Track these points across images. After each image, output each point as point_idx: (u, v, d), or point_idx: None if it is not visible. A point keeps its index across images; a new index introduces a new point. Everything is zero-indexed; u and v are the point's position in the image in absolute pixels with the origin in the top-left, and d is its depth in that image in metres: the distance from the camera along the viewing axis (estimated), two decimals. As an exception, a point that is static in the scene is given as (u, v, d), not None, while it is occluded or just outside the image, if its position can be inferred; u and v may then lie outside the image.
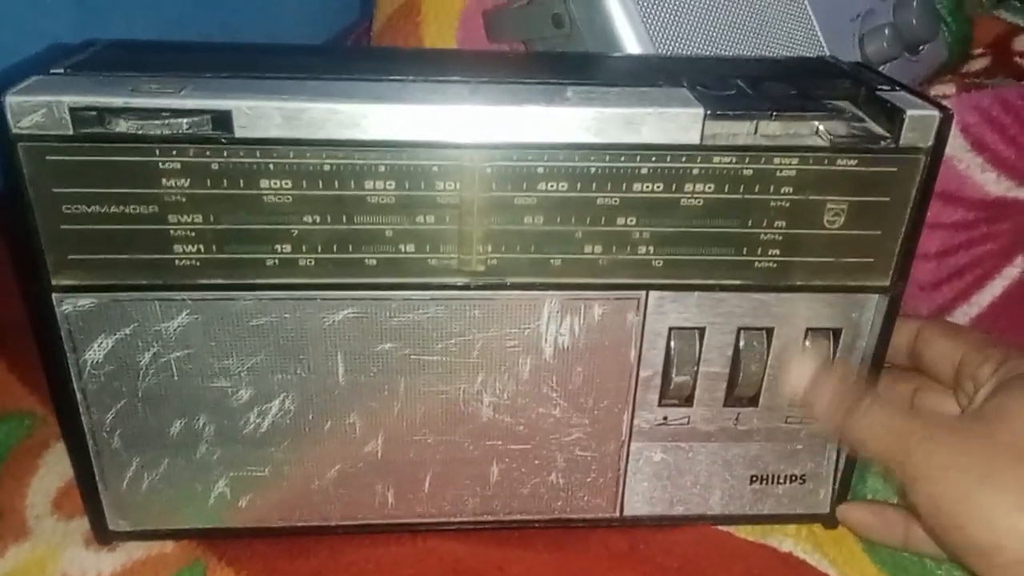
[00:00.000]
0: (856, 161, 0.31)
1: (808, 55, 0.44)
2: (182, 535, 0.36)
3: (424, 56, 0.43)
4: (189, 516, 0.36)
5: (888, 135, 0.31)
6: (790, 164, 0.31)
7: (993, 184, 0.37)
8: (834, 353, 0.35)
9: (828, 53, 0.45)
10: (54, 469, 0.40)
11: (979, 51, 0.54)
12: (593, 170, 0.31)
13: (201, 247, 0.31)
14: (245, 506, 0.36)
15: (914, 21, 0.49)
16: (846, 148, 0.31)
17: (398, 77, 0.32)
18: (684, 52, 0.40)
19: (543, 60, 0.37)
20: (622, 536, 0.38)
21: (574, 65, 0.37)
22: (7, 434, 0.41)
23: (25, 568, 0.35)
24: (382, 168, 0.30)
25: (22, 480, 0.39)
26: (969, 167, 0.38)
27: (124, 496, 0.35)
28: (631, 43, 0.39)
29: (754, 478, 0.38)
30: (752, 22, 0.42)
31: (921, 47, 0.52)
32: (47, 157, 0.29)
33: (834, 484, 0.38)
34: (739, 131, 0.31)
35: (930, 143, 0.31)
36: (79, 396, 0.33)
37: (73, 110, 0.28)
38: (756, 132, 0.31)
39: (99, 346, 0.32)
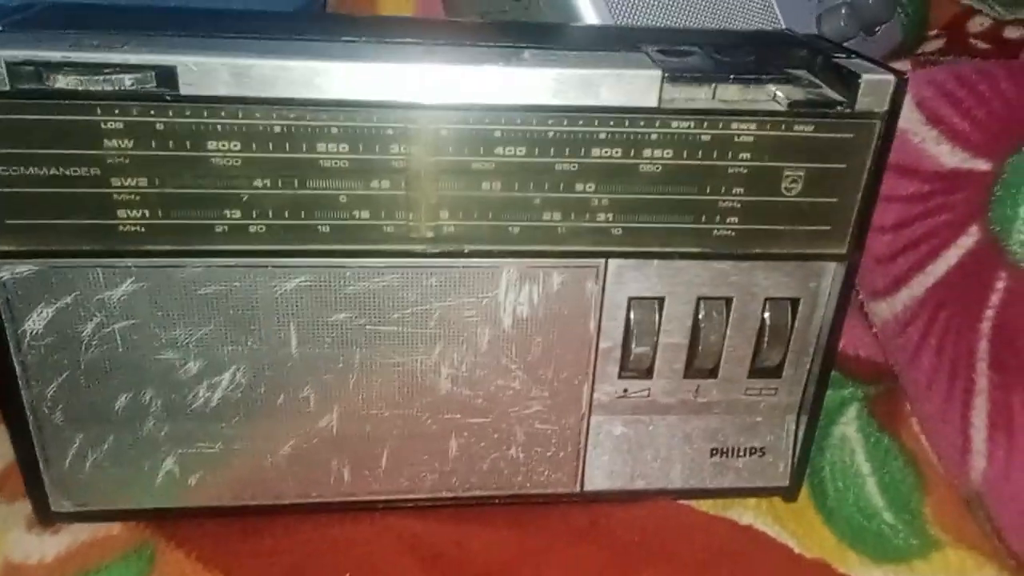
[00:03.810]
0: (813, 127, 0.31)
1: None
2: (129, 516, 0.35)
3: (378, 21, 0.42)
4: (136, 496, 0.34)
5: (844, 100, 0.31)
6: (748, 129, 0.31)
7: (947, 156, 0.38)
8: (792, 323, 0.35)
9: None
10: (-6, 452, 0.38)
11: (934, 32, 0.55)
12: (551, 134, 0.30)
13: (146, 212, 0.30)
14: (195, 484, 0.34)
15: (870, 1, 0.50)
16: (803, 112, 0.31)
17: (352, 38, 0.31)
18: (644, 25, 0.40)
19: (500, 27, 0.36)
20: (583, 511, 0.37)
21: (531, 32, 0.36)
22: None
23: (-38, 553, 0.34)
24: (335, 130, 0.29)
25: (-40, 463, 0.38)
26: (924, 140, 0.38)
27: (67, 475, 0.34)
28: (590, 16, 0.39)
29: (714, 451, 0.37)
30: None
31: (877, 27, 0.52)
32: (-19, 115, 0.28)
33: (793, 457, 0.38)
34: (697, 95, 0.31)
35: (885, 108, 0.31)
36: (18, 369, 0.31)
37: (10, 64, 0.27)
38: (714, 96, 0.31)
39: (39, 316, 0.31)
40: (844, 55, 0.33)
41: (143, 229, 0.30)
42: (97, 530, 0.35)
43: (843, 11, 0.49)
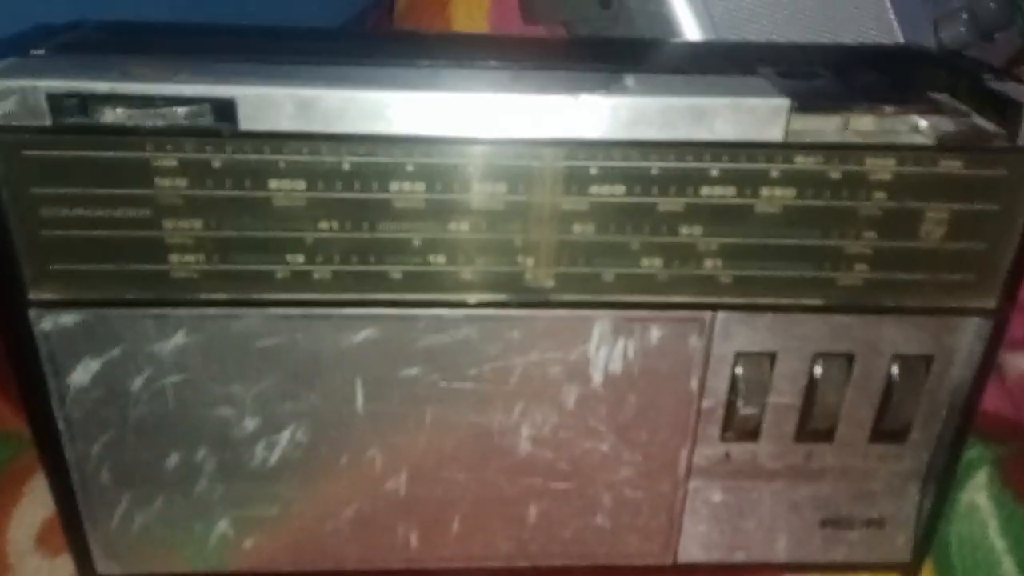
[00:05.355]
0: (962, 162, 0.27)
1: (882, 41, 0.40)
2: (180, 579, 0.32)
3: (455, 40, 0.38)
4: (187, 559, 0.32)
5: (1002, 131, 0.26)
6: (886, 166, 0.27)
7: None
8: (924, 383, 0.30)
9: (902, 39, 0.41)
10: (41, 498, 0.36)
11: (1061, 40, 0.49)
12: (654, 171, 0.26)
13: (201, 257, 0.27)
14: (251, 548, 0.32)
15: (992, 4, 0.45)
16: (954, 147, 0.26)
17: (427, 62, 0.27)
18: (751, 39, 0.36)
19: (592, 45, 0.33)
20: (675, 585, 0.33)
21: (628, 50, 0.32)
22: (-10, 458, 0.38)
23: (3, 614, 0.31)
24: (410, 167, 0.26)
25: (4, 510, 0.35)
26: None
27: (114, 536, 0.31)
28: (690, 27, 0.34)
29: (825, 522, 0.33)
30: (821, 5, 0.38)
31: (996, 33, 0.47)
32: (22, 151, 0.25)
33: (916, 529, 0.33)
34: (826, 126, 0.26)
35: (1053, 141, 0.26)
36: (62, 425, 0.29)
37: (51, 97, 0.24)
38: (847, 127, 0.26)
39: (84, 369, 0.28)
40: (992, 76, 0.29)
41: (197, 276, 0.27)
42: (146, 592, 0.32)
43: (964, 16, 0.44)
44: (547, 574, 0.33)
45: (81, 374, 0.28)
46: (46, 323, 0.27)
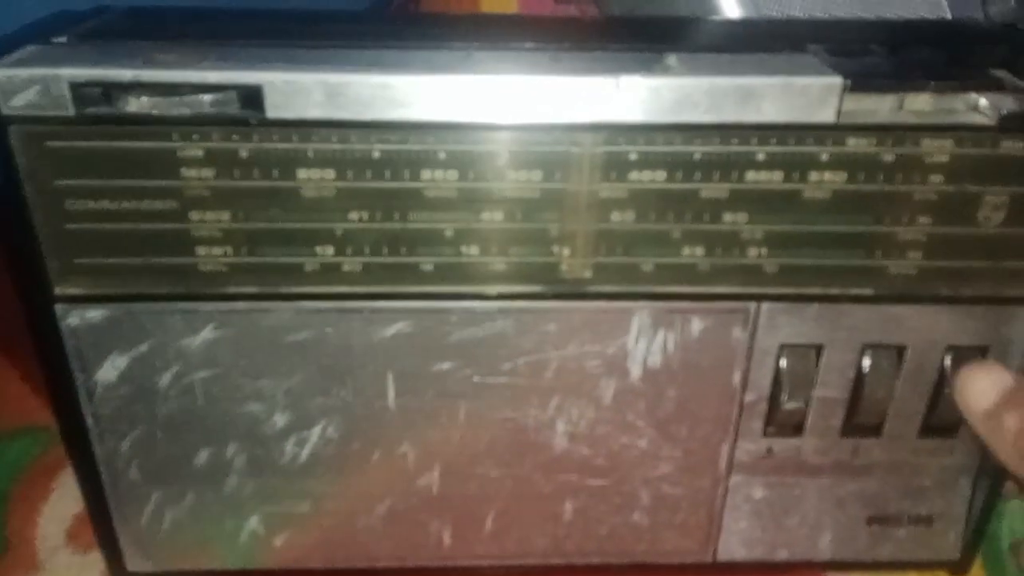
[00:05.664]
0: (1024, 144, 0.25)
1: (929, 16, 0.38)
2: (211, 576, 0.32)
3: (487, 22, 0.37)
4: (218, 556, 0.31)
5: (1068, 111, 0.25)
6: (942, 147, 0.25)
7: None
8: (979, 375, 0.29)
9: (950, 15, 0.39)
10: (71, 492, 0.35)
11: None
12: (697, 156, 0.25)
13: (228, 249, 0.26)
14: (281, 545, 0.31)
15: (1045, -21, 0.43)
16: (1016, 127, 0.25)
17: (460, 45, 0.26)
18: (795, 16, 0.34)
19: (629, 25, 0.31)
20: (715, 583, 0.32)
21: (668, 30, 0.31)
22: (20, 452, 0.37)
23: (34, 610, 0.31)
24: (442, 155, 0.25)
25: (34, 505, 0.35)
26: None
27: (144, 534, 0.30)
28: (730, 4, 0.33)
29: (872, 519, 0.32)
30: (866, -20, 0.36)
31: (1049, 10, 0.45)
32: (46, 143, 0.24)
33: (967, 526, 0.32)
34: (881, 106, 0.25)
35: (1123, 121, 0.25)
36: (90, 421, 0.28)
37: (74, 86, 0.23)
38: (901, 107, 0.25)
39: (112, 365, 0.27)
40: (1054, 51, 0.27)
41: (225, 269, 0.26)
42: (177, 589, 0.32)
43: (1013, -10, 0.42)
44: (583, 572, 0.32)
45: (109, 370, 0.27)
46: (73, 318, 0.27)
